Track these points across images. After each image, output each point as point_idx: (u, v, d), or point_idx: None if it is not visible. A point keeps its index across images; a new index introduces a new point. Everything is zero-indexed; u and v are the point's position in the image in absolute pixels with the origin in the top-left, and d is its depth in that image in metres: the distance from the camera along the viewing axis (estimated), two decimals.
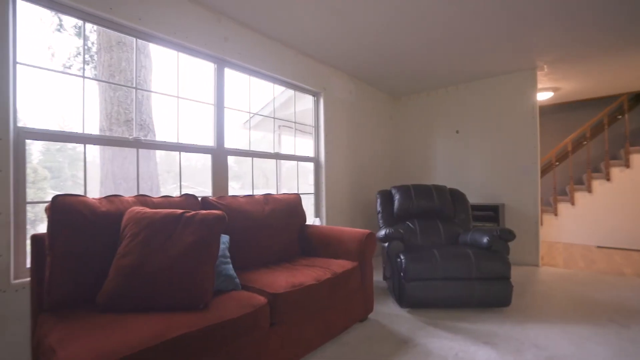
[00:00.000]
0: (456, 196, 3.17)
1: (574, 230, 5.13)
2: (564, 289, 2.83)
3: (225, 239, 1.82)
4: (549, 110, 5.65)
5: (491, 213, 3.65)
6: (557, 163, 5.73)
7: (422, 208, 3.03)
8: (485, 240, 2.48)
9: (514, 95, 3.80)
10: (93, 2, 1.80)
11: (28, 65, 1.66)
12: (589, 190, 5.06)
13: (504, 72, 3.77)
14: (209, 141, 2.52)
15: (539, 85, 4.25)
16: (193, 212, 1.52)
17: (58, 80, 3.19)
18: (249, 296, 1.49)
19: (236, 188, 5.86)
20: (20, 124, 1.63)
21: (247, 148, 2.79)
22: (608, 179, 4.93)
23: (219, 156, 2.52)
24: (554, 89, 4.40)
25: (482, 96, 4.02)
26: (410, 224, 2.98)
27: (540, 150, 5.82)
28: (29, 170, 1.71)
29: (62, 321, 1.19)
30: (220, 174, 2.54)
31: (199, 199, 2.04)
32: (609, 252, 4.50)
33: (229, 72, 2.62)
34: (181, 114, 2.37)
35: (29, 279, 1.56)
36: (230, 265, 1.69)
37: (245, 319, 1.36)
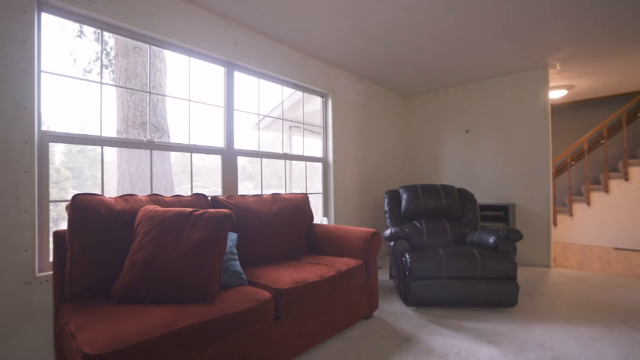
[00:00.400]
0: (464, 196, 3.16)
1: (590, 231, 4.99)
2: (574, 291, 2.79)
3: (233, 236, 1.89)
4: (563, 109, 5.52)
5: (501, 213, 3.62)
6: (573, 162, 5.59)
7: (429, 208, 3.04)
8: (491, 240, 2.48)
9: (525, 94, 3.75)
10: (110, 12, 1.91)
11: (51, 73, 1.78)
12: (606, 190, 4.92)
13: (514, 70, 3.72)
14: (219, 142, 2.61)
15: (552, 84, 4.17)
16: (202, 211, 1.60)
17: (78, 85, 3.35)
18: (254, 291, 1.56)
19: (249, 188, 6.00)
20: (43, 128, 1.75)
21: (258, 149, 2.87)
22: (626, 179, 4.78)
23: (229, 157, 2.61)
24: (568, 87, 4.31)
25: (493, 95, 3.98)
26: (417, 224, 3.00)
27: (554, 149, 5.70)
28: (52, 171, 1.83)
29: (81, 311, 1.29)
30: (230, 174, 2.62)
31: (209, 198, 2.13)
32: (627, 254, 4.36)
33: (238, 75, 2.71)
34: (193, 116, 2.47)
35: (51, 272, 1.68)
36: (238, 262, 1.76)
37: (249, 312, 1.43)
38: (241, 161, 2.72)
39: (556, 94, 4.41)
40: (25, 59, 1.63)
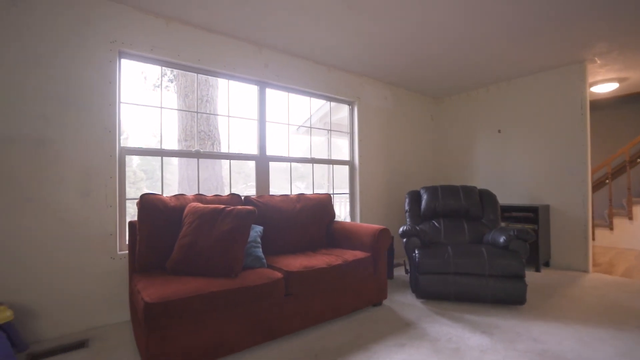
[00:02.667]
0: (486, 197, 3.21)
1: None
2: (601, 295, 2.71)
3: (258, 228, 2.32)
4: (617, 103, 5.03)
5: (531, 214, 3.55)
6: (639, 160, 5.07)
7: (448, 208, 3.17)
8: (502, 239, 2.57)
9: (560, 91, 3.61)
10: (166, 52, 2.47)
11: (128, 103, 2.38)
12: None
13: (547, 67, 3.61)
14: (253, 150, 3.07)
15: (598, 77, 3.93)
16: (232, 207, 2.04)
17: (149, 103, 4.11)
18: (269, 272, 1.96)
19: (301, 187, 6.66)
20: (122, 142, 2.36)
21: (288, 154, 3.29)
22: None
23: (261, 162, 3.06)
24: (619, 80, 3.99)
25: (526, 93, 3.89)
26: (435, 223, 3.15)
27: (608, 146, 5.22)
28: (129, 173, 2.44)
29: (145, 278, 1.80)
30: (262, 177, 3.08)
31: (242, 197, 2.59)
32: None
33: (269, 92, 3.14)
34: (235, 128, 2.97)
35: (127, 251, 2.27)
36: (260, 249, 2.17)
37: (263, 287, 1.82)
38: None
39: (605, 88, 4.11)
40: (111, 94, 2.23)
